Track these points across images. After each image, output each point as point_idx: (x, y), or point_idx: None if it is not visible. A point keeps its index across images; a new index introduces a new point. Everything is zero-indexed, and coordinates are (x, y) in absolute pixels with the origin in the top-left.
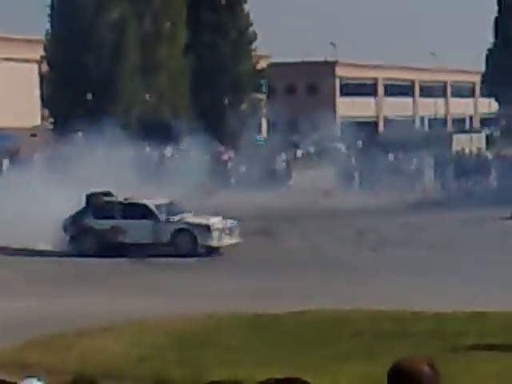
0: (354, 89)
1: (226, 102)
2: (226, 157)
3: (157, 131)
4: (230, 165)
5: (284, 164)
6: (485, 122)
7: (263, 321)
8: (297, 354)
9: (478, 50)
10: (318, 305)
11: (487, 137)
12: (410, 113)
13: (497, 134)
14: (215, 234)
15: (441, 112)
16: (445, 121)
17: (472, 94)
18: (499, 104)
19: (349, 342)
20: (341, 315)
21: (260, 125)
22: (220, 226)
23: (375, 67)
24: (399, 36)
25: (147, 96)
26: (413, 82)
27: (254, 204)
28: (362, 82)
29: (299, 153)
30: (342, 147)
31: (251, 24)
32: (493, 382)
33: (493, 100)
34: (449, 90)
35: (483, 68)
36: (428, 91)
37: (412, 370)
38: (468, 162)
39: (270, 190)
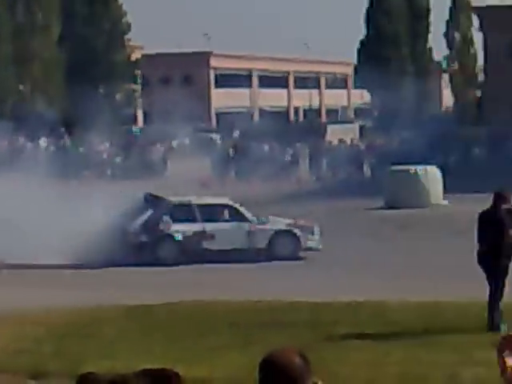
0: (228, 80)
1: (101, 92)
2: (101, 148)
3: (31, 122)
4: (105, 156)
5: (160, 155)
6: (358, 112)
7: (139, 312)
8: (173, 345)
9: (350, 42)
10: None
11: (360, 127)
12: (284, 104)
13: (369, 124)
14: (317, 235)
15: (315, 103)
16: (319, 112)
17: (345, 86)
18: (371, 95)
19: (225, 332)
20: (216, 306)
21: (135, 115)
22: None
23: (250, 58)
24: (274, 27)
25: (21, 86)
26: (287, 73)
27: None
28: (237, 73)
29: (175, 143)
30: (217, 138)
31: (124, 15)
32: (365, 371)
33: (365, 91)
34: (322, 81)
35: (356, 60)
36: (302, 82)
37: (283, 361)
38: (342, 153)
39: (147, 181)
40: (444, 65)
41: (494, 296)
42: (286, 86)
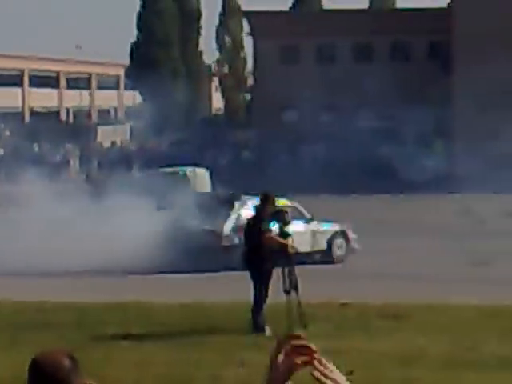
0: None
1: None
2: None
3: None
4: None
5: None
6: (129, 114)
7: None
8: None
9: (123, 44)
10: None
11: (131, 129)
12: (55, 104)
13: (141, 126)
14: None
15: (86, 104)
16: (90, 112)
17: (117, 87)
18: (143, 97)
19: None
20: None
21: None
22: None
23: (21, 58)
24: (45, 27)
25: None
26: (58, 73)
27: None
28: (7, 72)
29: None
30: None
31: None
32: (132, 371)
33: (137, 93)
34: (94, 82)
35: (128, 61)
36: (74, 83)
37: (51, 362)
38: (112, 154)
39: None
40: (213, 68)
41: (259, 298)
42: (57, 86)
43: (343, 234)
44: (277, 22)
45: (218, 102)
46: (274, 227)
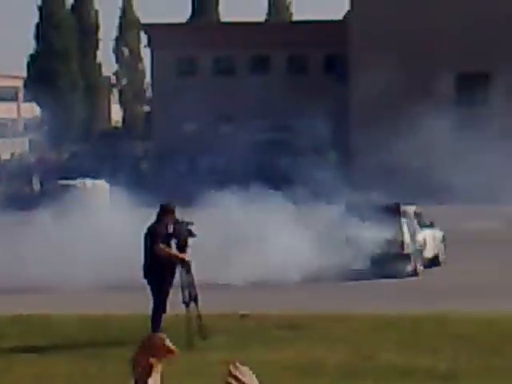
0: None
1: None
2: None
3: None
4: None
5: None
6: (28, 126)
7: None
8: None
9: (20, 56)
10: None
11: (30, 141)
12: None
13: (39, 138)
14: None
15: None
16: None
17: (15, 99)
18: (41, 109)
19: None
20: None
21: None
22: None
23: None
24: None
25: None
26: None
27: None
28: None
29: None
30: None
31: None
32: (32, 383)
33: (35, 105)
34: None
35: (25, 73)
36: None
37: None
38: (11, 167)
39: None
40: (112, 80)
41: (157, 310)
42: None
43: (444, 239)
44: (174, 33)
45: (117, 114)
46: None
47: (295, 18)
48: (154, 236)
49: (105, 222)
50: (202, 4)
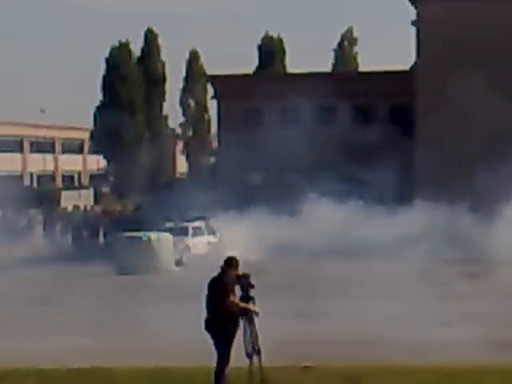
0: None
1: None
2: None
3: None
4: None
5: None
6: (94, 178)
7: None
8: None
9: (87, 107)
10: None
11: (95, 193)
12: (18, 168)
13: (106, 190)
14: None
15: (50, 168)
16: (54, 177)
17: (81, 151)
18: (107, 161)
19: None
20: None
21: None
22: None
23: None
24: (7, 91)
25: None
26: (22, 137)
27: None
28: None
29: None
30: None
31: None
32: None
33: (101, 157)
34: (58, 146)
35: (92, 125)
36: (37, 147)
37: None
38: (77, 218)
39: None
40: (178, 132)
41: (221, 362)
42: (20, 150)
43: None
44: (240, 84)
45: (182, 165)
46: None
47: (361, 68)
48: (224, 289)
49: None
50: (268, 55)
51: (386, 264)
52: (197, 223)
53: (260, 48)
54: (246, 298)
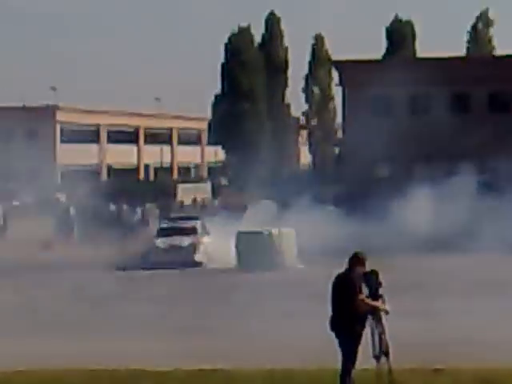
0: (75, 135)
1: None
2: None
3: None
4: None
5: None
6: (212, 170)
7: None
8: None
9: (204, 96)
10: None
11: (213, 186)
12: (134, 161)
13: (224, 182)
14: None
15: (167, 160)
16: (170, 169)
17: (199, 142)
18: (226, 152)
19: None
20: (56, 375)
21: None
22: None
23: (98, 112)
24: (124, 80)
25: None
26: (137, 128)
27: None
28: (84, 128)
29: (16, 203)
30: (62, 197)
31: None
32: None
33: (220, 148)
34: (175, 136)
35: (210, 115)
36: (153, 138)
37: None
38: (194, 212)
39: None
40: (301, 121)
41: (346, 364)
42: (136, 141)
43: None
44: (368, 71)
45: (306, 156)
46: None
47: (498, 52)
48: (353, 287)
49: None
50: (397, 39)
51: None
52: (193, 223)
53: (389, 32)
54: (375, 295)
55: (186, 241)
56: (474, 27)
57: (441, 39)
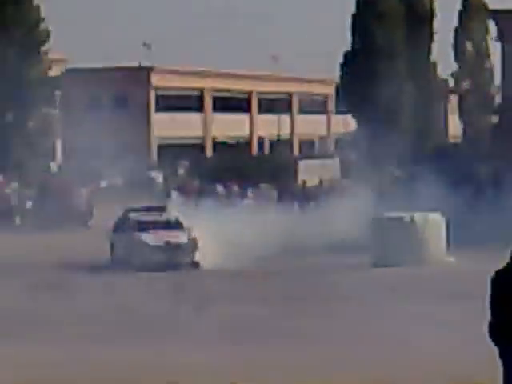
0: (174, 102)
1: (9, 119)
2: (8, 190)
3: None
4: (13, 200)
5: (83, 198)
6: (340, 144)
7: None
8: None
9: (332, 55)
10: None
11: (342, 163)
12: (245, 133)
13: (355, 159)
14: None
15: (285, 132)
16: (290, 143)
17: (324, 110)
18: (358, 122)
19: None
20: None
21: (53, 148)
22: None
23: (201, 75)
24: (233, 38)
25: None
26: (249, 93)
27: (43, 251)
28: (185, 93)
29: (103, 184)
30: (158, 177)
31: (43, 20)
32: None
33: (350, 117)
34: (295, 104)
35: (338, 77)
36: (269, 106)
37: None
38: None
39: (65, 232)
40: (452, 83)
41: (510, 379)
42: (247, 109)
43: None
44: None
45: (456, 127)
46: None
47: None
48: None
49: None
50: None
51: None
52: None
53: None
54: None
55: (181, 237)
56: None
57: None
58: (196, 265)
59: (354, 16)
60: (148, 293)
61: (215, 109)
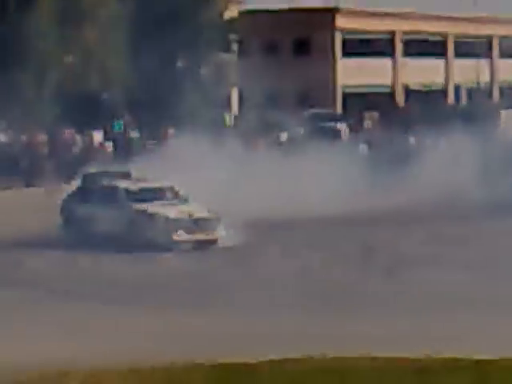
0: (361, 46)
1: (180, 65)
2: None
3: (81, 107)
4: None
5: None
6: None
7: None
8: None
9: None
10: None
11: None
12: (440, 79)
13: None
14: None
15: (484, 78)
16: (490, 90)
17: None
18: None
19: None
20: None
21: (229, 97)
22: None
23: (391, 16)
24: None
25: (68, 56)
26: (445, 36)
27: None
28: (373, 36)
29: (283, 136)
30: (343, 127)
31: None
32: None
33: None
34: (496, 47)
35: None
36: (467, 49)
37: None
38: None
39: None
40: None
41: None
42: (443, 54)
43: None
44: None
45: None
46: None
47: None
48: None
49: None
50: None
51: None
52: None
53: None
54: None
55: (203, 210)
56: None
57: None
58: (215, 242)
59: None
60: None
61: (407, 53)
